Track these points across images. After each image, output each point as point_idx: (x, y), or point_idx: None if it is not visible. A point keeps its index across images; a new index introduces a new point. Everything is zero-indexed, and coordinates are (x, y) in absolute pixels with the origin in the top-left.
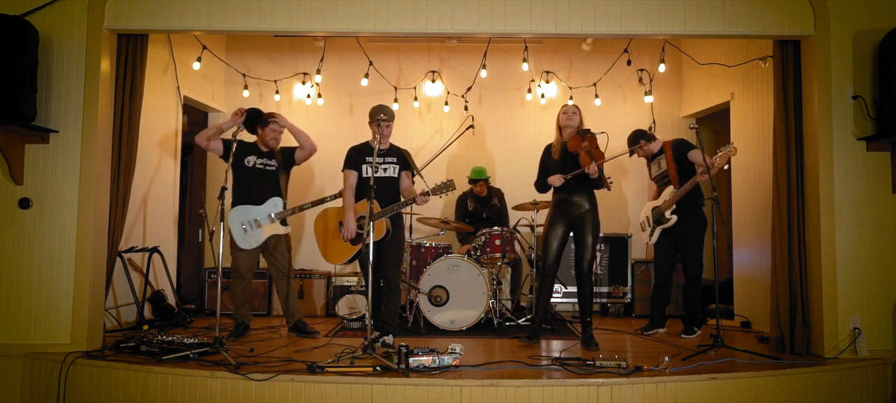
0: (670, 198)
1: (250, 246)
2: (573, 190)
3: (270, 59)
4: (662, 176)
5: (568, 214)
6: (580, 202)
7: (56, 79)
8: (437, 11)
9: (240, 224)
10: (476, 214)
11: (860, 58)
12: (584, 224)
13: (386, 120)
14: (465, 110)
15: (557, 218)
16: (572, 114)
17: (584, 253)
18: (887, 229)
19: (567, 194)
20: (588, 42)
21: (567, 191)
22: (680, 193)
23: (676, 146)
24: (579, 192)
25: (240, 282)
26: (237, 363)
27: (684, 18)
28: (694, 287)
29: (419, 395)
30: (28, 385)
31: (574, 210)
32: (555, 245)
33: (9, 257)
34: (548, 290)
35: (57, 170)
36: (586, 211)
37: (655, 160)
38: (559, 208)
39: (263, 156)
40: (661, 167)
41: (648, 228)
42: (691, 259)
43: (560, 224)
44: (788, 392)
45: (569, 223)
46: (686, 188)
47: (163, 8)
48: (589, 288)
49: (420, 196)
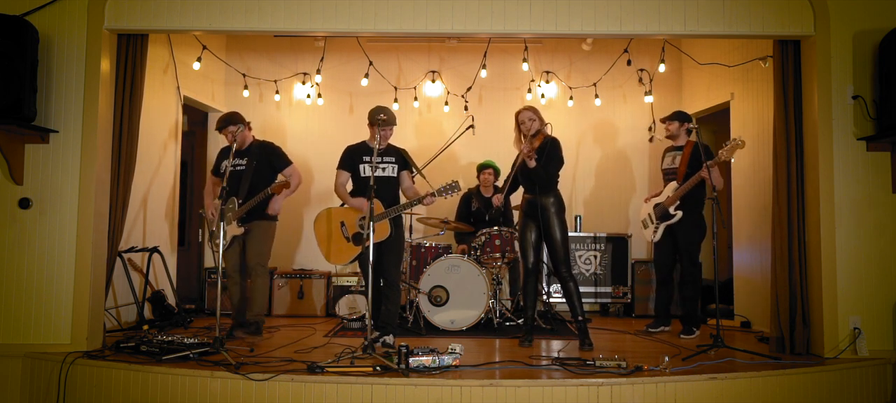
0: (674, 194)
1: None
2: (531, 191)
3: (270, 59)
4: (672, 170)
5: (532, 215)
6: (542, 202)
7: (56, 79)
8: (437, 11)
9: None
10: (479, 215)
11: (860, 58)
12: (549, 223)
13: (386, 122)
14: (465, 110)
15: (526, 219)
16: (529, 120)
17: (556, 254)
18: (887, 229)
19: (532, 195)
20: (588, 42)
21: (528, 192)
22: (684, 188)
23: (697, 148)
24: (540, 192)
25: (232, 284)
26: (237, 363)
27: (684, 18)
28: (691, 286)
29: (419, 395)
30: (28, 385)
31: (539, 211)
32: (527, 244)
33: (9, 257)
34: (533, 289)
35: (57, 170)
36: (550, 211)
37: (671, 153)
38: (526, 208)
39: (236, 157)
40: (675, 162)
41: (651, 225)
42: (687, 257)
43: (529, 225)
44: (788, 392)
45: (536, 224)
46: (690, 183)
47: (163, 8)
48: (572, 286)
49: (427, 197)
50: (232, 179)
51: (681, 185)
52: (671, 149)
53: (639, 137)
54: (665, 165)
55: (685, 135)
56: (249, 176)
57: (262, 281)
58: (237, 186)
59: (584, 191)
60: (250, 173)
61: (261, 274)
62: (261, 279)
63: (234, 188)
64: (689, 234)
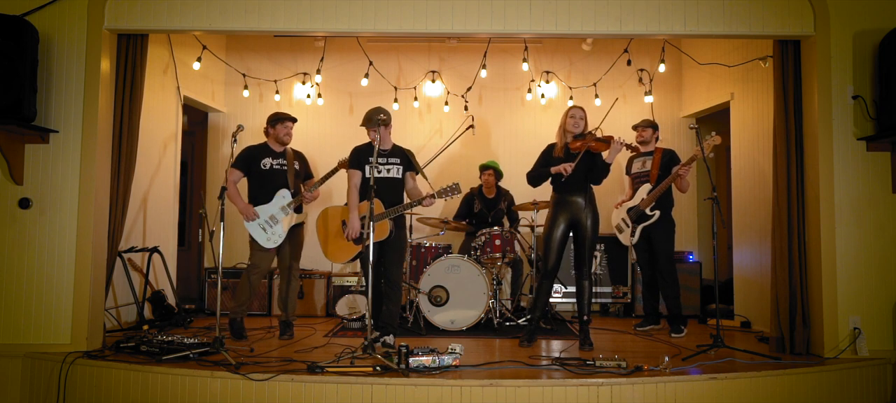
0: (649, 196)
1: (275, 243)
2: (572, 189)
3: (270, 59)
4: (642, 174)
5: (569, 213)
6: (579, 201)
7: (56, 79)
8: (437, 11)
9: (259, 225)
10: (481, 216)
11: (860, 58)
12: (585, 223)
13: (384, 121)
14: (465, 110)
15: (558, 218)
16: (580, 119)
17: (584, 253)
18: (887, 229)
19: (565, 194)
20: (588, 42)
21: (566, 191)
22: (660, 189)
23: (667, 153)
24: (577, 192)
25: (258, 280)
26: (237, 363)
27: (684, 18)
28: (671, 285)
29: (419, 395)
30: (28, 385)
31: (574, 209)
32: (556, 245)
33: (9, 257)
34: (547, 291)
35: (57, 170)
36: (586, 210)
37: (642, 158)
38: (559, 208)
39: (278, 157)
40: (646, 166)
41: (627, 228)
42: (664, 256)
43: (561, 223)
44: (788, 392)
45: (570, 223)
46: (665, 184)
47: (163, 8)
48: (589, 287)
49: (427, 199)
50: (275, 177)
51: (655, 187)
52: (640, 155)
53: None
54: (635, 170)
55: (654, 142)
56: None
57: None
58: (285, 182)
59: None
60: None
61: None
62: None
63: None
64: (663, 234)
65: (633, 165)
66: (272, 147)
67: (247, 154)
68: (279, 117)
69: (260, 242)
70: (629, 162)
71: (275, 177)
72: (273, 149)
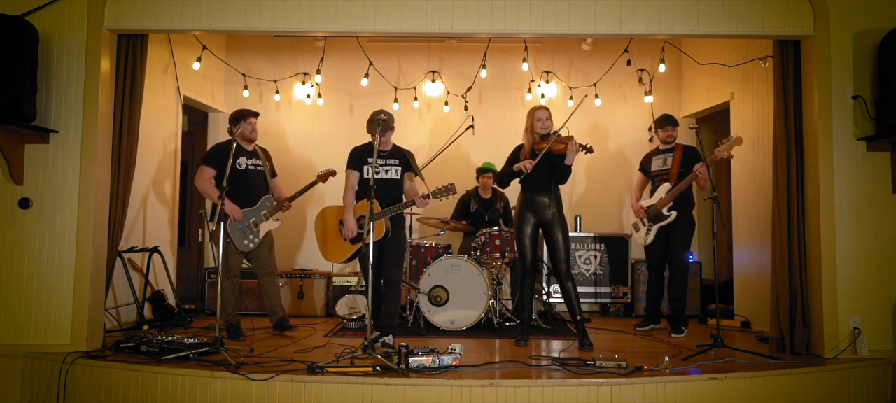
0: (667, 196)
1: (249, 248)
2: (537, 189)
3: (270, 59)
4: (663, 172)
5: (535, 213)
6: (545, 201)
7: (56, 79)
8: (437, 11)
9: (240, 229)
10: (477, 217)
11: (860, 58)
12: (552, 223)
13: (387, 124)
14: (465, 110)
15: (525, 216)
16: (546, 120)
17: (557, 253)
18: (887, 229)
19: (531, 194)
20: (588, 42)
21: (532, 190)
22: (679, 189)
23: (689, 150)
24: (543, 192)
25: (230, 283)
26: (237, 363)
27: (684, 18)
28: (680, 286)
29: (419, 395)
30: (28, 385)
31: (540, 209)
32: (527, 242)
33: (9, 257)
34: (530, 288)
35: (57, 170)
36: (552, 210)
37: (661, 155)
38: (525, 206)
39: (252, 156)
40: (667, 164)
41: (643, 228)
42: (678, 255)
43: (528, 221)
44: (788, 392)
45: (537, 222)
46: (684, 183)
47: (163, 8)
48: (571, 287)
49: (420, 198)
50: (253, 178)
51: (674, 186)
52: (660, 151)
53: (639, 137)
54: (655, 167)
55: (675, 137)
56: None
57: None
58: (265, 184)
59: (584, 191)
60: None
61: (275, 270)
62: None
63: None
64: (682, 233)
65: (652, 162)
66: (243, 146)
67: (218, 150)
68: (242, 114)
69: (238, 245)
70: (647, 159)
71: (253, 179)
72: (245, 149)
